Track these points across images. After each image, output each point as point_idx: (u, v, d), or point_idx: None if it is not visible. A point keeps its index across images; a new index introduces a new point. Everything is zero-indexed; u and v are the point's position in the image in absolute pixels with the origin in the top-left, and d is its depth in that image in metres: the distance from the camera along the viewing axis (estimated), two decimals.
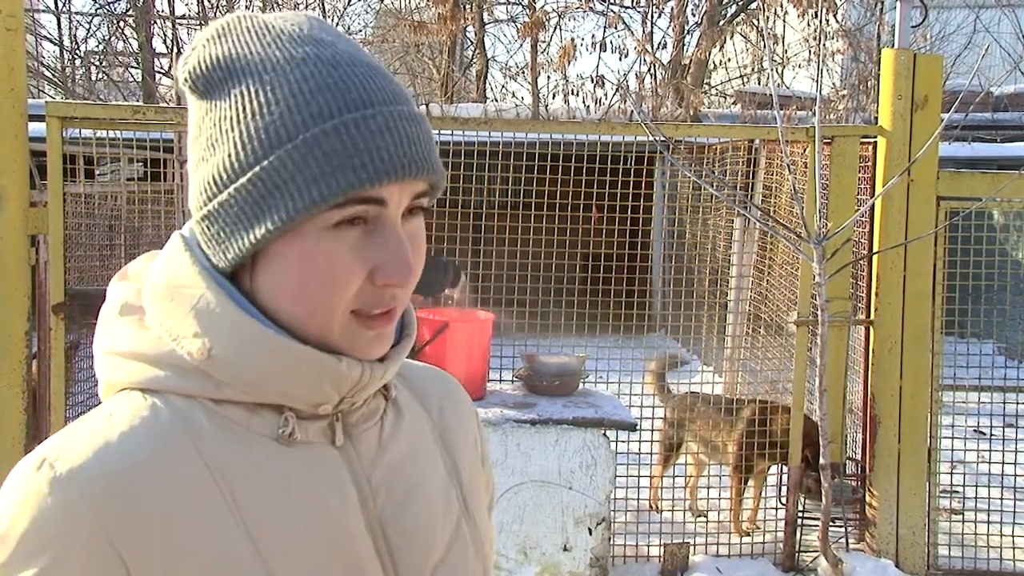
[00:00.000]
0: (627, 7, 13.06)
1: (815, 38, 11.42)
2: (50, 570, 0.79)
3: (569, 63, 11.57)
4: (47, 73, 15.14)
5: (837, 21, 11.88)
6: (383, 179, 0.83)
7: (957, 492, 4.98)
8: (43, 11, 16.04)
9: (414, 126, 0.86)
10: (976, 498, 4.76)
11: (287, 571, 0.86)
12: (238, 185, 0.84)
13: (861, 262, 4.49)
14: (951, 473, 4.77)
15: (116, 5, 15.69)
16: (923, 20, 4.56)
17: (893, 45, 4.49)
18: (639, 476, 4.69)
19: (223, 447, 0.87)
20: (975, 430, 5.08)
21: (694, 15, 13.03)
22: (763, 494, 4.87)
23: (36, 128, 3.92)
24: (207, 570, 0.83)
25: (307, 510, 0.88)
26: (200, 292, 0.87)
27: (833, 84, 12.60)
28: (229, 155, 0.84)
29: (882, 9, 12.14)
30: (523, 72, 14.58)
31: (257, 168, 0.83)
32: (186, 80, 0.89)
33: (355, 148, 0.82)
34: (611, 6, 12.59)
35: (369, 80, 0.85)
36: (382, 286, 0.87)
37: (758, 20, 12.50)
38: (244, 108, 0.84)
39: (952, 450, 4.67)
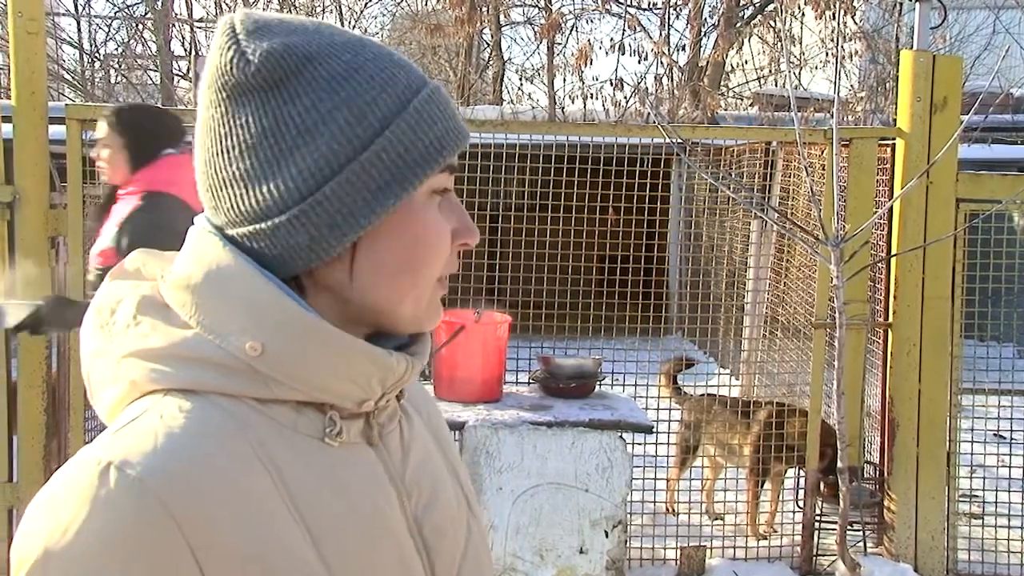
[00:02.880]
0: (644, 9, 13.04)
1: (833, 40, 11.37)
2: None
3: (586, 65, 11.57)
4: (67, 76, 15.23)
5: (855, 22, 11.82)
6: (466, 142, 0.89)
7: (977, 496, 4.94)
8: (63, 15, 16.16)
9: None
10: (996, 502, 4.72)
11: (348, 574, 0.85)
12: (362, 159, 0.84)
13: (879, 265, 4.47)
14: (971, 477, 4.73)
15: (135, 8, 15.79)
16: (942, 21, 4.53)
17: (912, 46, 4.47)
18: (655, 479, 4.68)
19: (276, 448, 0.84)
20: (995, 434, 5.04)
21: (711, 17, 12.99)
22: (780, 497, 4.85)
23: (56, 131, 3.94)
24: (273, 575, 0.81)
25: (360, 511, 0.88)
26: (249, 286, 0.84)
27: (851, 86, 12.54)
28: (338, 135, 0.83)
29: (900, 10, 12.08)
30: (540, 74, 14.58)
31: (378, 140, 0.84)
32: (255, 74, 0.84)
33: (447, 113, 0.88)
34: (628, 8, 12.57)
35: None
36: (459, 247, 0.92)
37: (775, 22, 12.46)
38: (339, 89, 0.84)
39: (972, 454, 4.63)
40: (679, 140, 4.32)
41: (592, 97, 11.93)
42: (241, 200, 0.85)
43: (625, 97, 11.78)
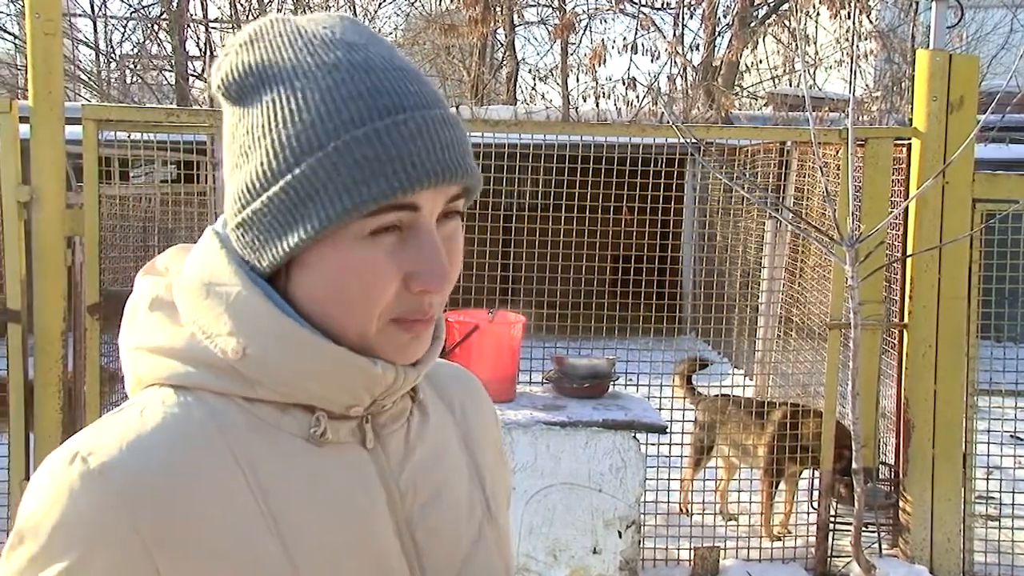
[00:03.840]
0: (658, 9, 13.02)
1: (848, 39, 11.32)
2: (79, 566, 0.79)
3: (600, 65, 11.55)
4: (83, 76, 15.32)
5: (870, 21, 11.77)
6: (416, 186, 0.82)
7: (993, 498, 4.91)
8: (80, 15, 16.26)
9: (447, 130, 0.85)
10: (1013, 504, 4.68)
11: (316, 573, 0.86)
12: (271, 193, 0.84)
13: (895, 265, 4.45)
14: (987, 479, 4.71)
15: (150, 9, 15.87)
16: (959, 20, 4.50)
17: (928, 45, 4.44)
18: (669, 479, 4.67)
19: (255, 446, 0.86)
20: (1012, 435, 5.01)
21: (725, 16, 12.96)
22: (795, 498, 4.83)
23: (72, 130, 3.97)
24: (237, 572, 0.82)
25: (337, 511, 0.88)
26: (236, 290, 0.87)
27: (866, 85, 12.48)
28: (261, 163, 0.84)
29: (916, 9, 12.02)
30: (553, 74, 14.57)
31: (289, 176, 0.83)
32: (219, 87, 0.88)
33: (387, 155, 0.81)
34: (642, 8, 12.55)
35: (401, 84, 0.84)
36: (418, 293, 0.86)
37: (790, 21, 12.41)
38: (275, 116, 0.84)
39: (988, 455, 4.60)
40: (693, 140, 4.31)
41: (606, 97, 11.92)
42: (226, 194, 0.90)
43: (638, 97, 11.77)
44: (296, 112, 0.83)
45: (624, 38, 12.21)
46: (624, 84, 11.81)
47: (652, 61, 12.01)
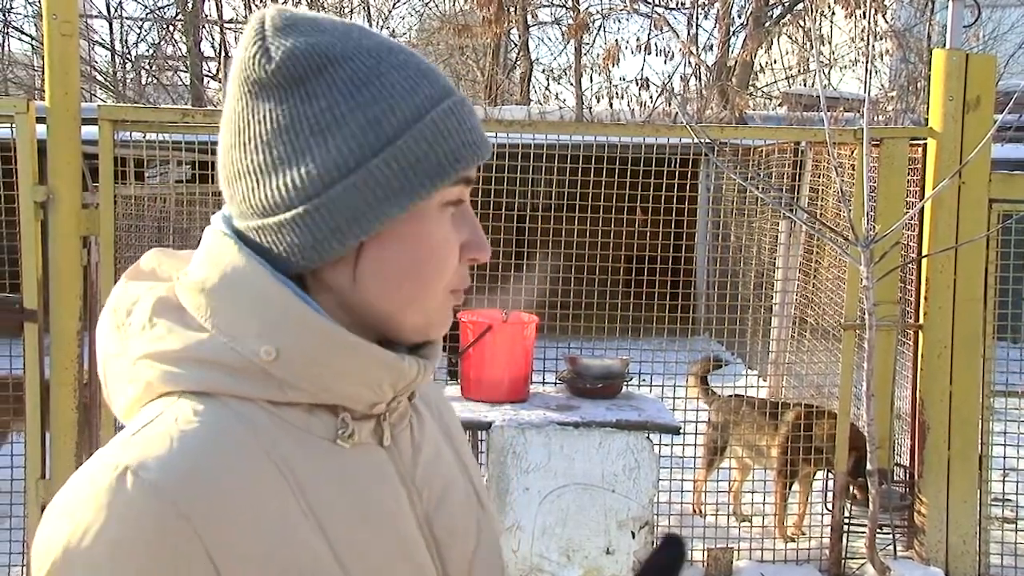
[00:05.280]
0: (672, 9, 12.99)
1: (863, 39, 11.27)
2: None
3: (613, 65, 11.54)
4: (99, 77, 15.41)
5: (886, 21, 11.71)
6: (484, 155, 0.89)
7: (1010, 500, 4.88)
8: (96, 16, 16.35)
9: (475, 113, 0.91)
10: None
11: (364, 573, 0.86)
12: (370, 166, 0.84)
13: (910, 266, 4.43)
14: (1003, 481, 4.67)
15: (166, 10, 15.95)
16: (976, 19, 4.48)
17: (944, 45, 4.42)
18: (683, 480, 4.66)
19: (289, 450, 0.85)
20: None
21: (740, 16, 12.92)
22: (809, 499, 4.81)
23: (88, 131, 3.99)
24: (289, 573, 0.81)
25: (372, 511, 0.89)
26: (263, 290, 0.85)
27: (881, 85, 12.42)
28: (350, 139, 0.84)
29: (932, 8, 11.95)
30: (567, 74, 14.56)
31: (390, 147, 0.84)
32: (275, 72, 0.84)
33: (466, 126, 0.87)
34: (656, 8, 12.53)
35: (437, 69, 0.90)
36: (467, 262, 0.91)
37: (804, 21, 12.37)
38: (357, 93, 0.84)
39: (1004, 457, 4.58)
40: (707, 140, 4.30)
41: (619, 97, 11.90)
42: (253, 194, 0.86)
43: (651, 97, 11.75)
44: (380, 88, 0.85)
45: (638, 38, 12.20)
46: (638, 84, 11.79)
47: (666, 62, 11.99)
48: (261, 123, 0.85)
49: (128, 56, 16.42)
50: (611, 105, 12.03)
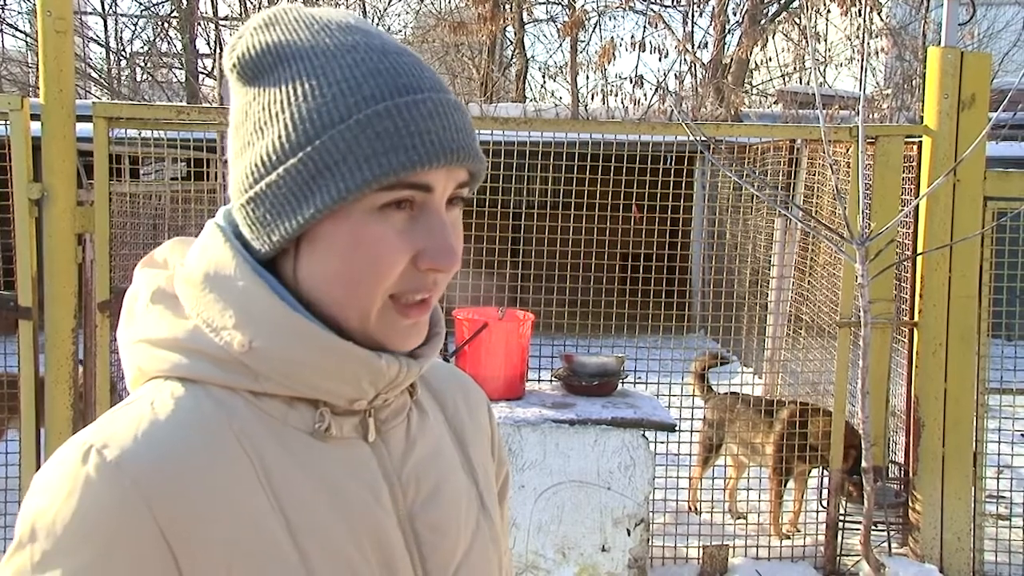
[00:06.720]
0: (667, 6, 12.99)
1: (858, 36, 11.28)
2: (99, 561, 0.78)
3: (609, 63, 11.54)
4: (94, 74, 15.38)
5: (881, 19, 11.72)
6: (433, 162, 0.84)
7: (1004, 497, 4.89)
8: (90, 13, 16.31)
9: (459, 114, 0.87)
10: None
11: (324, 565, 0.87)
12: (288, 165, 0.85)
13: (905, 263, 4.43)
14: (997, 478, 4.69)
15: (161, 7, 15.91)
16: (971, 17, 4.49)
17: (939, 43, 4.43)
18: (678, 477, 4.66)
19: (262, 440, 0.87)
20: (1022, 434, 4.99)
21: (735, 14, 12.93)
22: (804, 497, 4.82)
23: (83, 128, 3.98)
24: (249, 562, 0.83)
25: (342, 504, 0.89)
26: (241, 283, 0.87)
27: (877, 83, 12.44)
28: (279, 136, 0.85)
29: (928, 6, 11.97)
30: (563, 72, 14.56)
31: (309, 148, 0.84)
32: (234, 66, 0.89)
33: (407, 130, 0.83)
34: (651, 5, 12.53)
35: (417, 68, 0.87)
36: (426, 270, 0.88)
37: (800, 18, 12.37)
38: (295, 91, 0.85)
39: (999, 455, 4.59)
40: (703, 138, 4.30)
41: (615, 95, 11.91)
42: (231, 177, 0.91)
43: (647, 95, 11.75)
44: (317, 88, 0.85)
45: (633, 36, 12.22)
46: (633, 82, 11.80)
47: (661, 59, 11.99)
48: (233, 113, 0.91)
49: (123, 53, 16.39)
50: (606, 103, 12.04)
